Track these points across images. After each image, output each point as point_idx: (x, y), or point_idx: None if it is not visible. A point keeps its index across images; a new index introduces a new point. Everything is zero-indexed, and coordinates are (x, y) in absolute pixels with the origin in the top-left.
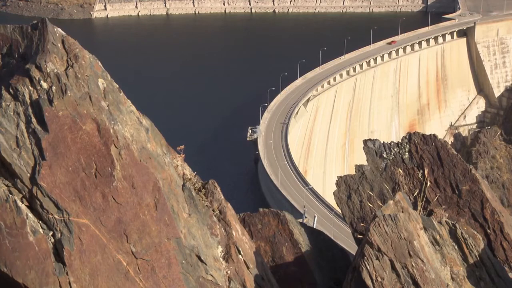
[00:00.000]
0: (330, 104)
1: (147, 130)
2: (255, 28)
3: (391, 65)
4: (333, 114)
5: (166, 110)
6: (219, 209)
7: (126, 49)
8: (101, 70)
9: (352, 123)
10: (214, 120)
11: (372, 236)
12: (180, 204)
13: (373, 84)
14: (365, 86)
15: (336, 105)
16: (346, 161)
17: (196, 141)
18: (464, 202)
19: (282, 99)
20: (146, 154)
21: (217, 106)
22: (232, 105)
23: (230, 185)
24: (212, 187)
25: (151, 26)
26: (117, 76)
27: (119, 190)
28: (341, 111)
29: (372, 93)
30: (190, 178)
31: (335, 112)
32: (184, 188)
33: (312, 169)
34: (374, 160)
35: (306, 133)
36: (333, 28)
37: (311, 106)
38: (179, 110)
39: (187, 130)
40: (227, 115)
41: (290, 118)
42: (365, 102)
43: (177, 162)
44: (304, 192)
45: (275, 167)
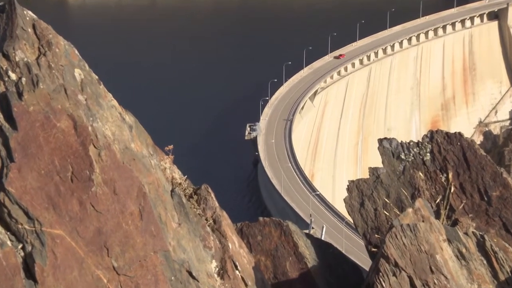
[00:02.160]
0: (340, 98)
1: (130, 127)
2: (253, 10)
3: (411, 52)
4: (344, 109)
5: (153, 105)
6: (213, 218)
7: (106, 35)
8: (78, 59)
9: (365, 119)
10: (207, 116)
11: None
12: (169, 212)
13: (390, 74)
14: (381, 77)
15: (348, 99)
16: (359, 163)
17: (187, 141)
18: (494, 210)
19: (285, 92)
20: (129, 155)
21: (210, 100)
22: (227, 99)
23: (225, 191)
24: (205, 193)
25: (134, 9)
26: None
27: (98, 197)
28: (353, 106)
29: (389, 85)
30: (180, 183)
31: (346, 107)
32: (173, 194)
33: (320, 173)
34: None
35: (313, 131)
36: (345, 10)
37: (319, 100)
38: (168, 105)
39: (177, 128)
40: (222, 110)
41: (294, 114)
42: (380, 96)
43: (165, 164)
44: (310, 199)
45: (277, 170)
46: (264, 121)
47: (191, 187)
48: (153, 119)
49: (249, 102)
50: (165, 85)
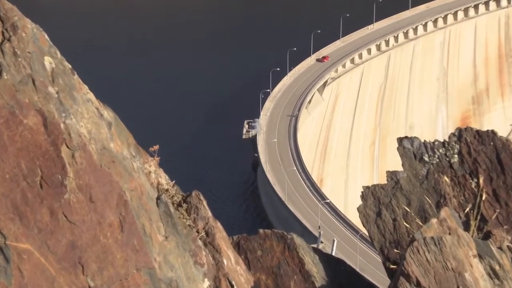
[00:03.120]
0: (354, 90)
1: (109, 125)
2: None
3: (437, 36)
4: (358, 103)
5: (136, 98)
6: (205, 229)
7: (81, 17)
8: (48, 45)
9: (384, 115)
10: (198, 111)
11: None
12: (154, 223)
13: (412, 62)
14: (402, 66)
15: (363, 91)
16: (376, 166)
17: (175, 140)
18: None
19: (289, 84)
20: (108, 156)
21: (202, 94)
22: (222, 92)
23: (220, 198)
24: (196, 201)
25: None
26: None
27: (72, 205)
28: (369, 100)
29: (411, 75)
30: (167, 189)
31: (361, 100)
32: (159, 202)
33: (330, 177)
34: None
35: (322, 129)
36: None
37: (329, 92)
38: (153, 98)
39: (163, 126)
40: (215, 105)
41: (300, 108)
42: (401, 87)
43: (150, 167)
44: (319, 208)
45: (280, 174)
46: (265, 117)
47: (180, 194)
48: (135, 115)
49: (247, 95)
50: (150, 76)
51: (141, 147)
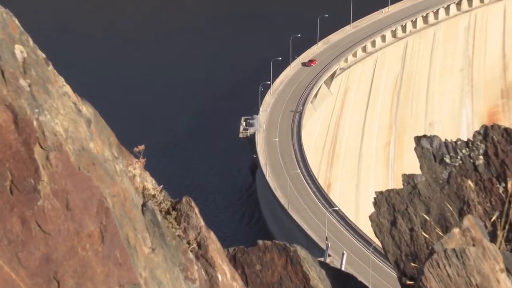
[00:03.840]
0: (366, 82)
1: (89, 122)
2: None
3: (461, 21)
4: (371, 98)
5: (119, 92)
6: (197, 240)
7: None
8: (19, 31)
9: (400, 111)
10: (190, 107)
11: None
12: (139, 233)
13: (432, 51)
14: (421, 55)
15: (376, 84)
16: (391, 169)
17: (163, 139)
18: None
19: (292, 75)
20: (87, 158)
21: (194, 87)
22: (217, 85)
23: (214, 205)
24: (187, 208)
25: None
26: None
27: (46, 213)
28: (383, 93)
29: (432, 66)
30: (154, 195)
31: (374, 94)
32: (145, 209)
33: (339, 182)
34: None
35: (329, 127)
36: None
37: (338, 85)
38: (138, 92)
39: (150, 123)
40: (209, 99)
41: (305, 103)
42: (420, 79)
43: (135, 170)
44: (326, 217)
45: (282, 178)
46: (265, 114)
47: (169, 200)
48: (118, 111)
49: (244, 88)
50: (134, 67)
51: (125, 148)
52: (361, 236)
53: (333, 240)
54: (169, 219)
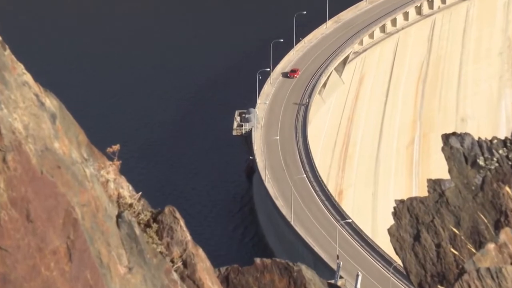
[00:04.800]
0: (385, 69)
1: (53, 117)
2: None
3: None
4: (391, 87)
5: (89, 81)
6: (182, 258)
7: None
8: None
9: (426, 104)
10: (175, 99)
11: None
12: (114, 250)
13: (465, 31)
14: (451, 35)
15: (398, 71)
16: (415, 173)
17: (142, 138)
18: None
19: (297, 60)
20: (52, 160)
21: (180, 74)
22: (206, 72)
23: (203, 216)
24: (170, 220)
25: None
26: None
27: (3, 226)
28: (406, 82)
29: (464, 48)
30: (132, 204)
31: (395, 83)
32: (120, 221)
33: (353, 189)
34: (462, 171)
35: (341, 123)
36: None
37: (351, 72)
38: (113, 81)
39: (127, 118)
40: (198, 90)
41: (311, 95)
42: (450, 65)
43: (108, 174)
44: (337, 230)
45: (284, 184)
46: (263, 107)
47: (149, 210)
48: (88, 104)
49: (239, 76)
50: (108, 52)
51: (96, 148)
52: (379, 254)
53: (345, 258)
54: (149, 233)
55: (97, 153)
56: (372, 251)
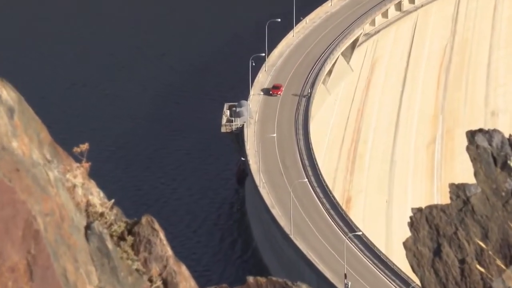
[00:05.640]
0: (402, 54)
1: (11, 111)
2: None
3: None
4: (408, 75)
5: (53, 69)
6: (162, 276)
7: None
8: None
9: (449, 95)
10: (155, 90)
11: None
12: (82, 267)
13: (496, 9)
14: (480, 14)
15: (416, 55)
16: (437, 177)
17: (115, 136)
18: None
19: (297, 43)
20: (9, 162)
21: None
22: (191, 58)
23: (186, 228)
24: (148, 232)
25: None
26: None
27: None
28: (426, 69)
29: (494, 30)
30: (103, 213)
31: (413, 70)
32: (89, 233)
33: (363, 195)
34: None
35: (349, 118)
36: None
37: (361, 57)
38: (82, 68)
39: (97, 112)
40: (181, 79)
41: (314, 84)
42: (479, 49)
43: (75, 178)
44: (345, 244)
45: (282, 190)
46: (258, 99)
47: (123, 220)
48: (52, 96)
49: (229, 62)
50: (75, 34)
51: (61, 147)
52: (394, 272)
53: (354, 278)
54: (124, 247)
55: (62, 153)
56: (385, 269)
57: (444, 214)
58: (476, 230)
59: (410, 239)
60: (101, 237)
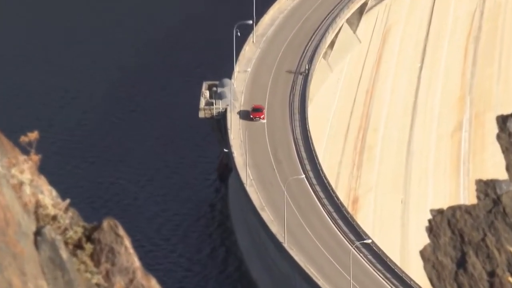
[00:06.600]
0: (420, 21)
1: None
2: None
3: None
4: (428, 48)
5: None
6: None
7: None
8: None
9: (479, 71)
10: (119, 67)
11: None
12: (31, 280)
13: None
14: None
15: (438, 24)
16: (463, 171)
17: (72, 122)
18: None
19: (292, 8)
20: None
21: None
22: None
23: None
24: (111, 238)
25: None
26: None
27: None
28: (450, 40)
29: None
30: (56, 216)
31: (434, 41)
32: (40, 240)
33: (373, 195)
34: None
35: (356, 99)
36: None
37: (371, 26)
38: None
39: (50, 96)
40: (150, 53)
41: (313, 59)
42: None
43: (22, 174)
44: (351, 255)
45: (274, 189)
46: (243, 77)
47: (80, 225)
48: None
49: (208, 31)
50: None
51: (4, 136)
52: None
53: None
54: (81, 257)
55: (6, 144)
56: (400, 284)
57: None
58: (508, 236)
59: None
60: (54, 244)
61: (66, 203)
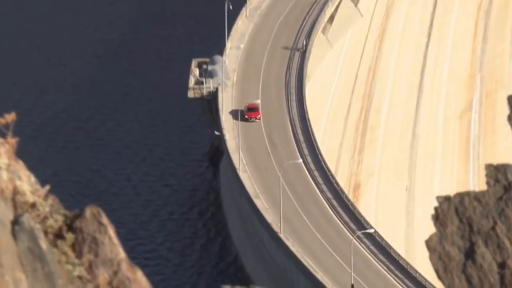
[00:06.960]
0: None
1: None
2: None
3: None
4: (435, 21)
5: None
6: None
7: None
8: None
9: (490, 47)
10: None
11: None
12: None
13: None
14: None
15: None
16: (473, 156)
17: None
18: None
19: None
20: None
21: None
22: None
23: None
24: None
25: None
26: None
27: None
28: (459, 12)
29: None
30: (35, 204)
31: (441, 13)
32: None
33: (376, 181)
34: None
35: (357, 78)
36: None
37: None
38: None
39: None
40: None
41: (311, 34)
42: None
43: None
44: (352, 245)
45: (269, 175)
46: (236, 53)
47: (61, 213)
48: None
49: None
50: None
51: None
52: (415, 281)
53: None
54: (62, 247)
55: None
56: (405, 277)
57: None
58: None
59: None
60: (33, 234)
61: (46, 190)
